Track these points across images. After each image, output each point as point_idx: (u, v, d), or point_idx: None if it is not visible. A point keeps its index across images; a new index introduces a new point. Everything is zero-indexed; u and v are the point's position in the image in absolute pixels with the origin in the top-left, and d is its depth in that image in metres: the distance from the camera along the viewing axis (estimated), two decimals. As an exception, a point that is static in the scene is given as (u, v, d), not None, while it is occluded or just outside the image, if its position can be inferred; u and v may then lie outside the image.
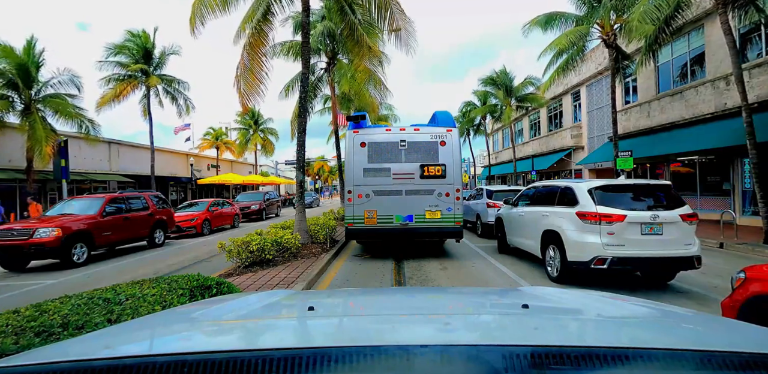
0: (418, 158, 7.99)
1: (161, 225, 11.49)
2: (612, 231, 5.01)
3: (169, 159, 28.18)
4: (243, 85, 8.77)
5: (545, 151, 27.15)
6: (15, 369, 0.76)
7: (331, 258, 7.99)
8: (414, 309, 1.44)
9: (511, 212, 7.76)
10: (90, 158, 20.87)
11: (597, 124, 22.65)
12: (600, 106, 22.33)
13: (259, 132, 36.99)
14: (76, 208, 9.51)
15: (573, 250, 5.31)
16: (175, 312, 1.61)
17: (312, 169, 76.08)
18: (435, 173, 7.94)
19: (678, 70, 16.72)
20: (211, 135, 31.83)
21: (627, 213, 5.00)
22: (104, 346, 0.98)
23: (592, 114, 23.15)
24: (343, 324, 1.18)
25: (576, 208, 5.39)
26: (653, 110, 17.33)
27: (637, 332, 1.09)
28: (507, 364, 0.70)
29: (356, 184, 7.99)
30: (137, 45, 21.40)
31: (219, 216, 15.40)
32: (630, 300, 1.67)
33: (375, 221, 7.96)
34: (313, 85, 15.71)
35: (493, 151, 38.33)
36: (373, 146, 7.99)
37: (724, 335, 1.06)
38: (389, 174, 7.97)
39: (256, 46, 8.82)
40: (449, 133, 8.11)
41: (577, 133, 24.31)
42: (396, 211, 7.97)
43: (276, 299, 1.59)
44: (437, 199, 7.97)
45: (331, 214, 15.35)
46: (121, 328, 1.26)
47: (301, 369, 0.70)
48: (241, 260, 6.57)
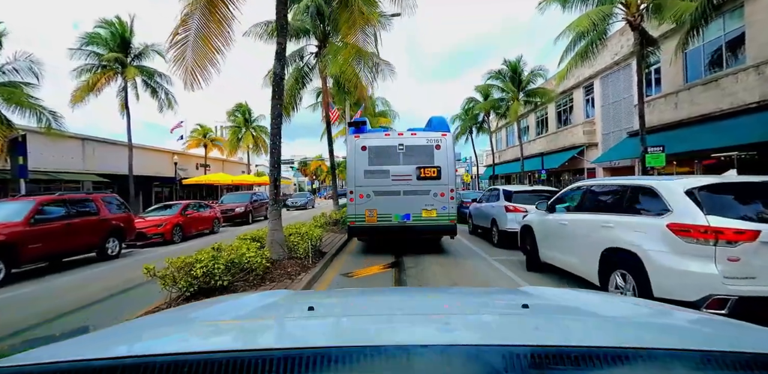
0: (415, 161, 8.43)
1: (116, 233, 9.66)
2: (736, 255, 3.19)
3: (153, 157, 26.28)
4: (191, 55, 6.88)
5: (554, 149, 25.35)
6: (15, 369, 0.76)
7: (313, 280, 6.18)
8: (414, 309, 1.45)
9: (546, 219, 5.96)
10: (59, 156, 19.00)
11: (613, 119, 20.87)
12: (616, 100, 20.56)
13: (251, 130, 35.12)
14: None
15: (665, 283, 3.53)
16: (174, 312, 1.76)
17: (309, 169, 74.37)
18: (431, 174, 8.41)
19: (709, 57, 14.94)
20: (198, 132, 29.77)
21: (762, 229, 3.20)
22: (104, 346, 0.99)
23: (606, 108, 21.37)
24: (343, 324, 1.17)
25: (667, 219, 3.57)
26: (682, 101, 15.55)
27: (637, 332, 1.07)
28: (507, 364, 0.69)
29: (358, 184, 8.45)
30: (112, 33, 19.57)
31: (194, 221, 13.55)
32: (630, 300, 1.78)
33: (375, 219, 8.43)
34: (302, 71, 13.87)
35: (496, 149, 36.47)
36: (373, 150, 8.45)
37: (724, 335, 1.06)
38: (388, 175, 8.43)
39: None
40: (444, 138, 8.59)
41: (590, 129, 22.54)
42: (395, 210, 8.43)
43: (276, 299, 1.59)
44: (433, 199, 8.42)
45: (321, 218, 13.55)
46: (120, 328, 1.26)
47: (301, 369, 0.69)
48: (180, 289, 4.74)
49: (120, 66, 19.82)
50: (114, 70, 19.46)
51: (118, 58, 19.25)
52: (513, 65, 25.38)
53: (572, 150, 23.27)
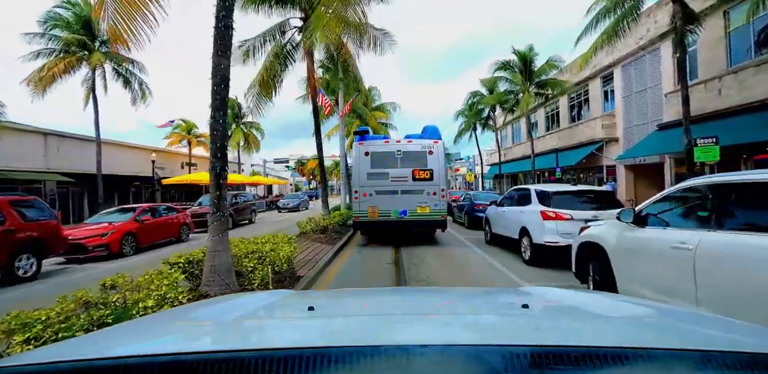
0: (410, 164, 9.59)
1: (32, 247, 7.49)
2: None
3: (130, 155, 24.11)
4: (111, 10, 4.75)
5: (568, 145, 23.15)
6: (15, 369, 0.76)
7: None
8: (414, 309, 1.45)
9: (634, 238, 3.77)
10: (15, 152, 16.82)
11: (637, 111, 18.71)
12: (641, 89, 18.40)
13: (242, 126, 32.95)
14: None
15: None
16: (175, 312, 1.70)
17: (306, 168, 72.02)
18: (424, 176, 9.53)
19: (757, 36, 12.80)
20: (181, 128, 27.30)
21: None
22: (104, 346, 0.98)
23: (629, 99, 19.21)
24: (343, 324, 1.16)
25: None
26: (727, 87, 13.39)
27: (637, 332, 1.07)
28: (507, 364, 0.70)
29: (361, 185, 9.64)
30: (76, 15, 17.41)
31: (154, 228, 11.37)
32: (630, 300, 1.70)
33: (377, 215, 9.57)
34: (284, 49, 11.67)
35: (502, 147, 34.21)
36: (375, 155, 9.59)
37: (724, 335, 1.06)
38: (388, 177, 9.58)
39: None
40: (436, 145, 9.74)
41: (610, 122, 20.38)
42: (393, 207, 9.57)
43: (276, 299, 1.59)
44: (426, 197, 9.56)
45: (308, 224, 11.40)
46: (121, 328, 1.26)
47: (301, 369, 0.69)
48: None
49: (86, 52, 17.67)
50: (77, 56, 17.28)
51: (81, 41, 17.08)
52: (523, 55, 23.23)
53: (590, 145, 21.12)
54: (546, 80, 23.04)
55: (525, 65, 23.09)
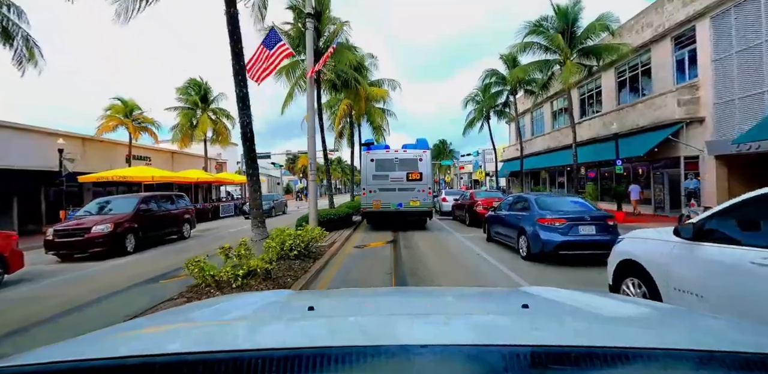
0: (405, 168, 13.11)
1: None
2: None
3: (30, 142, 17.11)
4: None
5: (620, 131, 17.36)
6: (15, 369, 0.76)
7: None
8: (414, 308, 1.44)
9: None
10: None
11: (739, 79, 13.18)
12: (745, 48, 12.88)
13: (209, 112, 27.15)
14: None
15: None
16: (174, 312, 1.66)
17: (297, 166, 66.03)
18: (416, 178, 13.09)
19: None
20: (115, 109, 20.87)
21: None
22: (104, 346, 0.97)
23: (725, 63, 13.68)
24: (343, 324, 1.14)
25: None
26: None
27: (637, 332, 1.05)
28: (507, 364, 0.70)
29: (368, 184, 13.22)
30: None
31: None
32: (630, 300, 1.74)
33: (380, 206, 13.06)
34: None
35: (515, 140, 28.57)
36: (378, 161, 13.19)
37: (724, 335, 1.05)
38: (388, 178, 13.08)
39: None
40: (425, 153, 13.39)
41: (690, 97, 14.85)
42: (392, 201, 13.02)
43: (276, 299, 1.59)
44: (417, 194, 13.06)
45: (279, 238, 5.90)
46: (121, 328, 1.24)
47: (302, 369, 0.69)
48: None
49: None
50: None
51: None
52: (563, 12, 17.64)
53: (662, 129, 15.58)
54: (593, 46, 17.49)
55: (567, 26, 17.49)
